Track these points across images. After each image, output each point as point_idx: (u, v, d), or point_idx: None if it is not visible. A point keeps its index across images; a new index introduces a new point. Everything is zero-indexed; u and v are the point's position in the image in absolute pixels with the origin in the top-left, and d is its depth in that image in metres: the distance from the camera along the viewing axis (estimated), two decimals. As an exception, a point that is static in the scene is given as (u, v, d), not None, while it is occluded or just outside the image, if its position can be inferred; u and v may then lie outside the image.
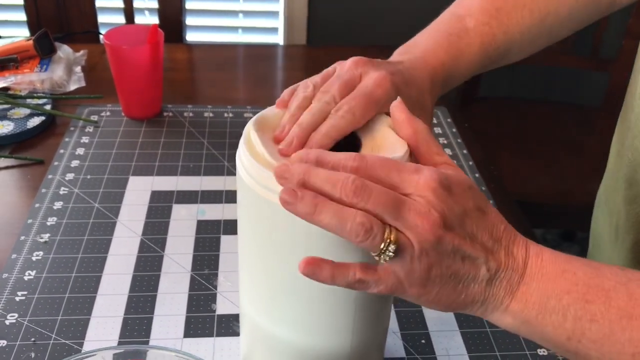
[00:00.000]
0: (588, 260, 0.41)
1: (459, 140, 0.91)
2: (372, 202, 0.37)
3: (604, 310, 0.39)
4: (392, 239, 0.37)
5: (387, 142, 0.45)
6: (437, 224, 0.38)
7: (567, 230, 2.01)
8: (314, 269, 0.38)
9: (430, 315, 0.62)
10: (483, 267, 0.39)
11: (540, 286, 0.40)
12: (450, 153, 0.88)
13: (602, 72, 1.65)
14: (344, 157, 0.40)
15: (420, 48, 0.57)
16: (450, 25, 0.59)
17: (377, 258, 0.38)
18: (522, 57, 0.64)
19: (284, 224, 0.41)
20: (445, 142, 0.91)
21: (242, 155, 0.43)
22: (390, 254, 0.37)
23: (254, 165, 0.42)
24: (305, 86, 0.48)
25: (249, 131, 0.45)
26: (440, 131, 0.93)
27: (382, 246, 0.37)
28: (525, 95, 2.00)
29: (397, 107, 0.44)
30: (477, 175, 0.84)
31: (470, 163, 0.86)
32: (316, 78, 0.49)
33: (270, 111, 0.47)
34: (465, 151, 0.89)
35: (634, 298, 0.39)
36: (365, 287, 0.39)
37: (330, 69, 0.51)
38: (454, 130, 0.94)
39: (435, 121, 0.96)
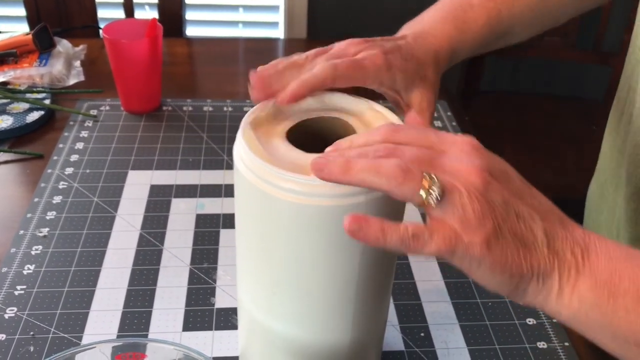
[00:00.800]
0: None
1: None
2: (408, 155, 0.36)
3: None
4: (434, 180, 0.34)
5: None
6: (481, 168, 0.35)
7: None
8: (361, 225, 0.35)
9: (430, 309, 0.62)
10: (540, 230, 0.36)
11: (610, 265, 0.35)
12: (451, 146, 0.88)
13: (605, 66, 1.65)
14: (376, 130, 0.40)
15: (426, 22, 0.57)
16: (456, 1, 0.60)
17: (421, 207, 0.35)
18: (525, 37, 0.64)
19: (285, 219, 0.41)
20: (445, 135, 0.90)
21: (241, 150, 0.43)
22: (435, 196, 0.34)
23: (253, 159, 0.42)
24: (298, 55, 0.49)
25: (245, 126, 0.45)
26: (440, 124, 0.93)
27: (424, 191, 0.34)
28: (527, 90, 1.99)
29: (411, 118, 0.47)
30: (477, 168, 0.83)
31: (471, 156, 0.86)
32: (309, 52, 0.50)
33: (260, 111, 0.47)
34: (465, 144, 0.88)
35: None
36: (420, 245, 0.35)
37: (326, 47, 0.51)
38: (454, 123, 0.93)
39: (435, 114, 0.95)
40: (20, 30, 1.19)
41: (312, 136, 0.47)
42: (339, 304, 0.45)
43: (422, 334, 0.60)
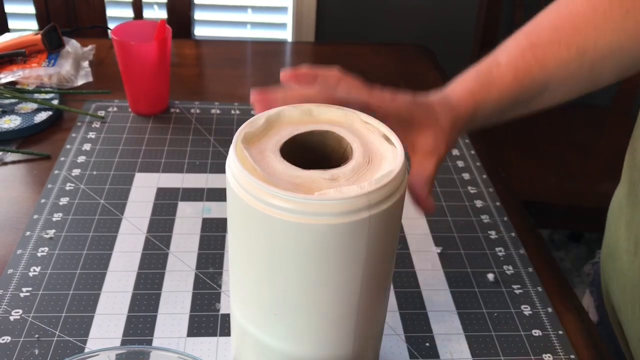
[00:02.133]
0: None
1: (466, 141, 0.90)
2: None
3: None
4: None
5: (381, 151, 0.45)
6: None
7: (575, 231, 2.00)
8: None
9: (435, 319, 0.62)
10: None
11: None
12: (458, 153, 0.87)
13: (613, 72, 1.64)
14: None
15: (449, 85, 0.58)
16: (481, 63, 0.59)
17: None
18: (565, 98, 0.61)
19: (285, 239, 0.41)
20: (453, 142, 0.90)
21: (235, 169, 0.42)
22: None
23: (247, 178, 0.41)
24: None
25: (238, 142, 0.44)
26: (448, 131, 0.92)
27: None
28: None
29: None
30: (484, 176, 0.83)
31: (478, 164, 0.85)
32: None
33: (250, 127, 0.46)
34: (472, 152, 0.88)
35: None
36: None
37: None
38: (462, 130, 0.93)
39: (443, 121, 0.95)
40: (30, 28, 1.19)
41: (305, 150, 0.46)
42: (340, 321, 0.45)
43: (428, 344, 0.59)
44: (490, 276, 0.67)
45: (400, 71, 1.12)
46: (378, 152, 0.45)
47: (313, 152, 0.46)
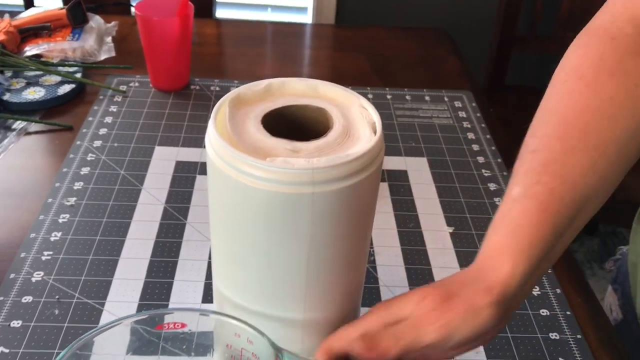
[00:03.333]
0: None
1: (482, 125, 0.91)
2: None
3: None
4: None
5: (360, 137, 0.44)
6: None
7: (589, 222, 2.00)
8: None
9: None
10: None
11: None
12: (474, 137, 0.88)
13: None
14: None
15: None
16: (500, 208, 0.47)
17: None
18: (608, 194, 0.48)
19: (238, 198, 0.41)
20: (468, 126, 0.91)
21: (210, 125, 0.43)
22: None
23: (214, 135, 0.42)
24: None
25: (226, 100, 0.44)
26: (464, 115, 0.93)
27: None
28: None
29: None
30: (499, 160, 0.84)
31: (493, 148, 0.86)
32: None
33: (247, 89, 0.47)
34: (488, 136, 0.89)
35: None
36: None
37: None
38: (478, 114, 0.93)
39: (460, 105, 0.96)
40: (55, 4, 1.21)
41: (292, 122, 0.46)
42: (289, 287, 0.45)
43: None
44: (501, 256, 0.68)
45: (419, 55, 1.12)
46: (355, 137, 0.44)
47: (299, 126, 0.46)
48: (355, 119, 0.46)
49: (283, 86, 0.48)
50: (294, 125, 0.46)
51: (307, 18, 1.91)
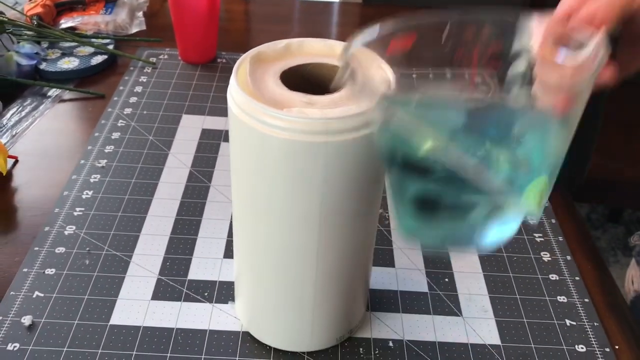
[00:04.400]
0: None
1: (502, 101, 0.92)
2: None
3: None
4: None
5: (373, 84, 0.45)
6: None
7: (614, 209, 1.99)
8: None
9: (456, 257, 0.65)
10: None
11: None
12: (493, 112, 0.89)
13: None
14: None
15: None
16: None
17: None
18: None
19: (255, 147, 0.43)
20: (488, 101, 0.92)
21: (232, 79, 0.45)
22: None
23: (235, 87, 0.44)
24: None
25: (247, 57, 0.47)
26: (484, 91, 0.95)
27: None
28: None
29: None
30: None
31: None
32: None
33: (267, 47, 0.49)
34: (507, 111, 0.90)
35: None
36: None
37: None
38: (499, 91, 0.95)
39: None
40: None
41: (309, 79, 0.48)
42: (301, 240, 0.47)
43: (447, 280, 0.63)
44: (514, 224, 0.70)
45: (442, 34, 1.13)
46: (373, 78, 0.45)
47: (319, 83, 0.48)
48: (372, 75, 0.47)
49: (302, 45, 0.50)
50: (311, 82, 0.48)
51: None
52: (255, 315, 0.55)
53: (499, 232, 0.40)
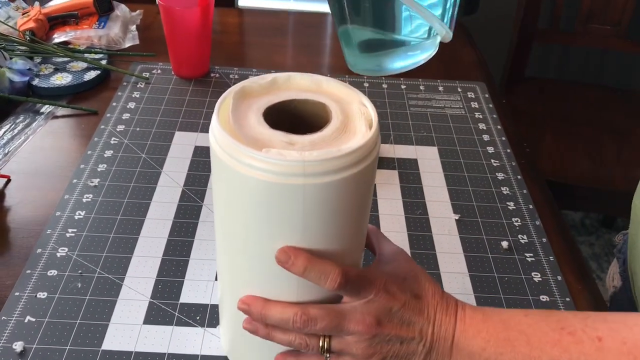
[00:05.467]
0: (499, 312, 0.48)
1: (494, 116, 0.93)
2: (319, 327, 0.47)
3: (512, 357, 0.46)
4: (326, 346, 0.48)
5: (355, 133, 0.46)
6: (372, 324, 0.46)
7: (607, 216, 2.00)
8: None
9: (448, 279, 0.66)
10: (420, 345, 0.48)
11: (466, 346, 0.47)
12: (485, 127, 0.90)
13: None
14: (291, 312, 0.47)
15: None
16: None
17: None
18: None
19: (234, 186, 0.44)
20: (480, 116, 0.92)
21: (214, 116, 0.45)
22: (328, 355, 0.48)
23: (216, 125, 0.44)
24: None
25: (232, 92, 0.47)
26: (476, 105, 0.95)
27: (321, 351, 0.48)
28: (574, 78, 1.97)
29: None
30: (508, 150, 0.86)
31: (503, 138, 0.88)
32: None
33: (253, 82, 0.49)
34: (499, 127, 0.90)
35: (530, 343, 0.46)
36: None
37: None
38: (491, 105, 0.95)
39: (472, 95, 0.97)
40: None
41: (294, 115, 0.48)
42: (281, 277, 0.47)
43: (438, 301, 0.63)
44: (505, 244, 0.70)
45: (435, 47, 1.14)
46: (351, 133, 0.46)
47: (304, 120, 0.48)
48: (354, 115, 0.48)
49: (288, 80, 0.50)
50: (296, 118, 0.48)
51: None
52: (235, 344, 0.55)
53: (414, 58, 0.56)
